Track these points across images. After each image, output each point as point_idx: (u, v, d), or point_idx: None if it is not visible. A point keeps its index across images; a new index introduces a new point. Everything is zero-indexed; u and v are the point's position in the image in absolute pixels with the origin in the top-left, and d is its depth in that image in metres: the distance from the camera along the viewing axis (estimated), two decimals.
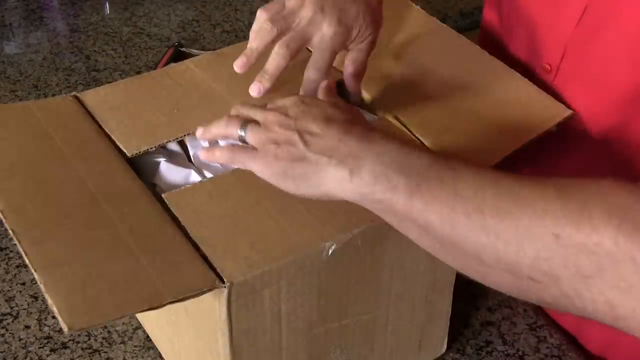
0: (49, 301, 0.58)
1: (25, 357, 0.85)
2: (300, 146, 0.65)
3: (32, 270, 0.60)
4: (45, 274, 0.60)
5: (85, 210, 0.68)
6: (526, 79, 0.83)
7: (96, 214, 0.68)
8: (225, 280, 0.63)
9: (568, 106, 0.81)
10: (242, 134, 0.69)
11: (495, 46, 0.96)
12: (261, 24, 0.78)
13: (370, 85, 0.85)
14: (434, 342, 0.84)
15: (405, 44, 0.90)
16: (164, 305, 0.60)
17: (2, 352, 0.85)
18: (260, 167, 0.67)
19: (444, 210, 0.59)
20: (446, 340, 0.85)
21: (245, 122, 0.69)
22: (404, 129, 0.80)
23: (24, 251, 0.62)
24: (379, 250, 0.71)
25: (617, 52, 0.79)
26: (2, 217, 0.66)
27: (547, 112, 0.79)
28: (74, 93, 0.84)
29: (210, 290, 0.62)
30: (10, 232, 0.64)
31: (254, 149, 0.68)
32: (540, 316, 0.90)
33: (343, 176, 0.63)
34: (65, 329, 0.55)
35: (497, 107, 0.81)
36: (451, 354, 0.86)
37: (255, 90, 0.80)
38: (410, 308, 0.78)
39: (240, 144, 0.70)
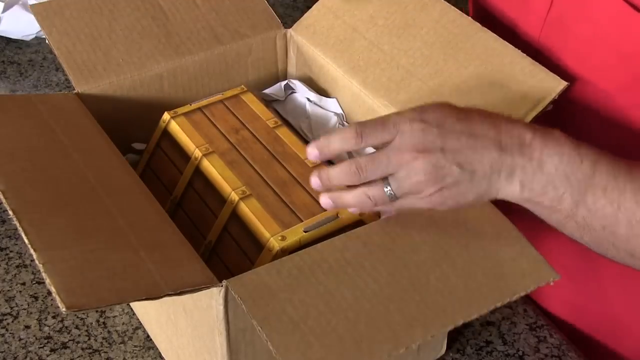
0: (47, 281, 0.57)
1: (25, 357, 0.84)
2: (466, 175, 0.64)
3: (32, 251, 0.60)
4: (45, 255, 0.59)
5: (85, 200, 0.68)
6: (519, 51, 0.81)
7: (96, 205, 0.68)
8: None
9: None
10: (392, 192, 0.64)
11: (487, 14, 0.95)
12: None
13: (363, 70, 0.85)
14: (434, 343, 0.84)
15: (397, 21, 0.89)
16: (162, 297, 0.60)
17: (2, 352, 0.85)
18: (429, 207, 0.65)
19: (607, 220, 0.64)
20: (446, 341, 0.85)
21: (385, 179, 0.64)
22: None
23: (24, 230, 0.61)
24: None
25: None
26: (2, 197, 0.65)
27: (542, 87, 0.78)
28: (75, 91, 0.84)
29: (207, 287, 0.62)
30: (10, 212, 0.63)
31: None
32: (540, 316, 0.90)
33: (514, 190, 0.65)
34: (63, 309, 0.55)
35: (495, 86, 0.80)
36: (451, 354, 0.86)
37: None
38: None
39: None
